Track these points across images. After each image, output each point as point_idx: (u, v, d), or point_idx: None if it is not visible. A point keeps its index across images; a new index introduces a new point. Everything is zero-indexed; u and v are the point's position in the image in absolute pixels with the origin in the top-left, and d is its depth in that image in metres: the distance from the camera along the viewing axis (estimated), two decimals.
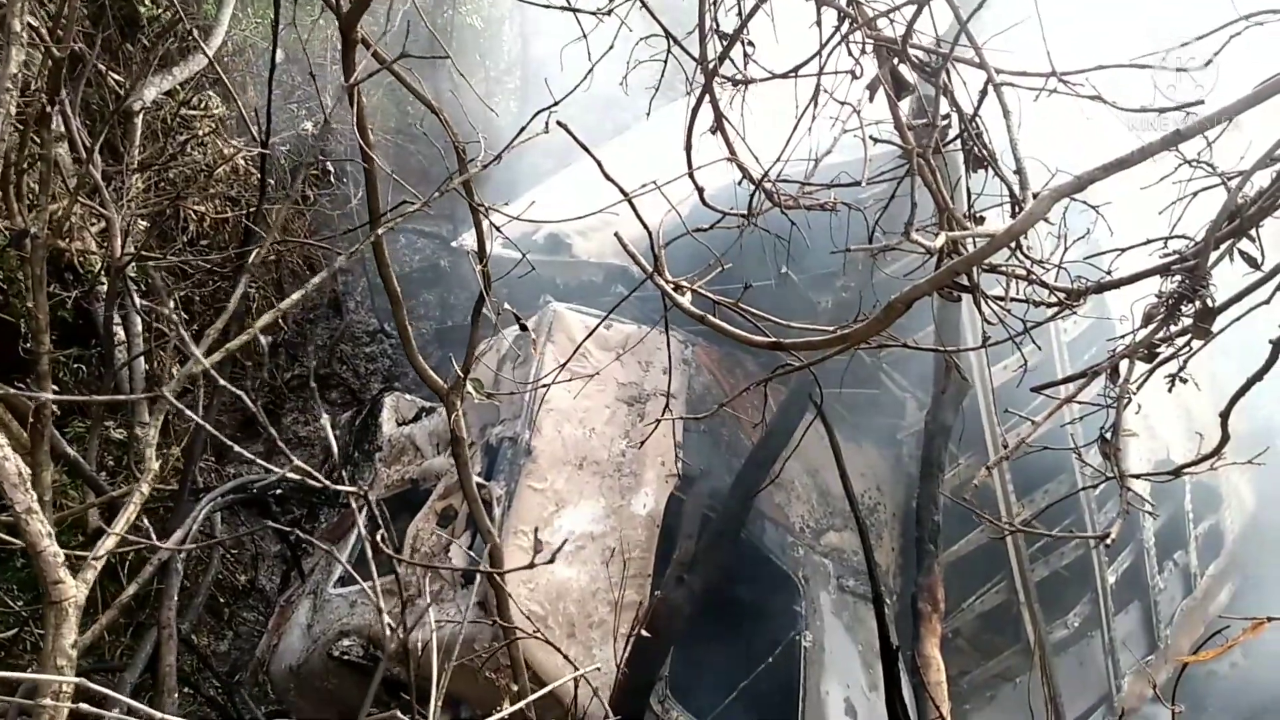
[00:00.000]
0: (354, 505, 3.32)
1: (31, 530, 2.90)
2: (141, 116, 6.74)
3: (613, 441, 5.98)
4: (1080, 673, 6.46)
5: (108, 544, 3.19)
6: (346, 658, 5.58)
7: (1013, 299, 2.74)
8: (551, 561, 3.12)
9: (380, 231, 2.26)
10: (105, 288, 6.17)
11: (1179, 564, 6.69)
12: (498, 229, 2.53)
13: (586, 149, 2.25)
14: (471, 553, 5.67)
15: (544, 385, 5.09)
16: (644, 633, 3.88)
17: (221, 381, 2.74)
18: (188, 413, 2.68)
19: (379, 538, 3.20)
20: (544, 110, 2.35)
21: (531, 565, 2.83)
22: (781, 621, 6.22)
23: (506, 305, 2.65)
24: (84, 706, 1.98)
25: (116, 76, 7.57)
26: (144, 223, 7.30)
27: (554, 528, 5.68)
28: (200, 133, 8.46)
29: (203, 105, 8.65)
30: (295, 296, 2.91)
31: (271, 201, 9.01)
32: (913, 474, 6.56)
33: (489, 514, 5.67)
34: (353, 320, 10.61)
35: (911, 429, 6.18)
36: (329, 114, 6.88)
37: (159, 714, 2.04)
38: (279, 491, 7.36)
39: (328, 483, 2.75)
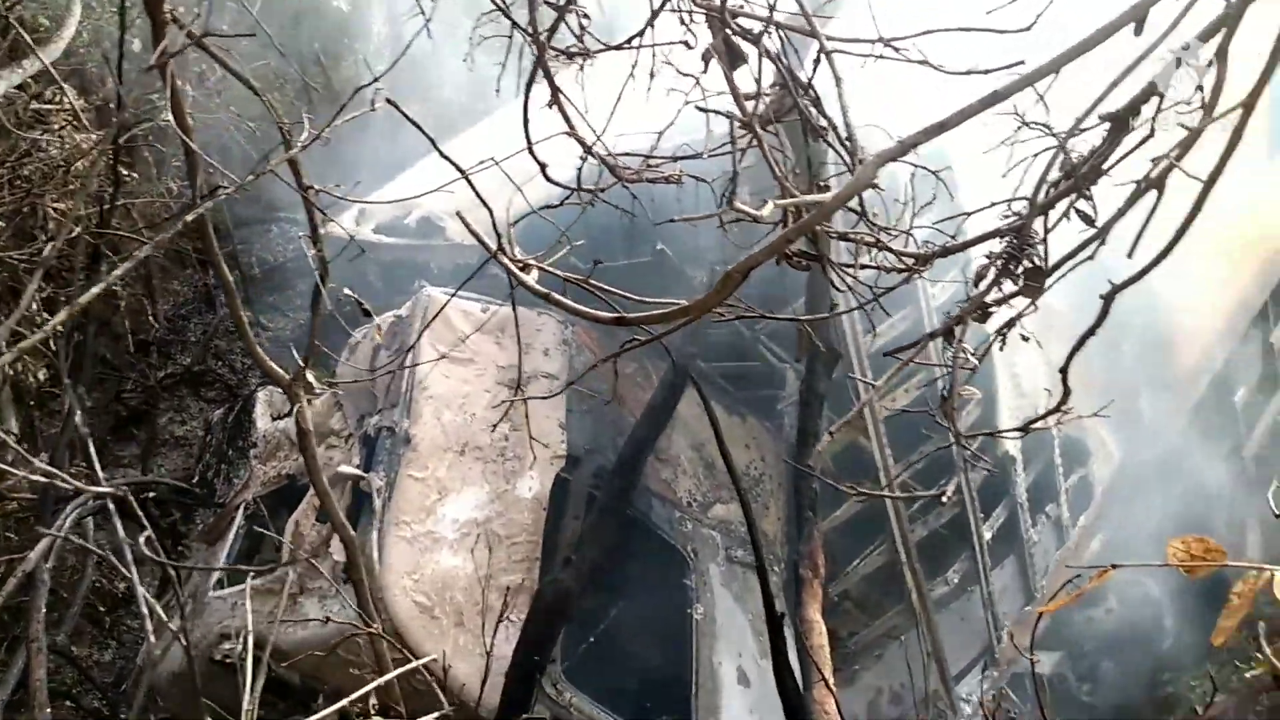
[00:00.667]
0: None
1: None
2: None
3: (493, 426, 5.92)
4: (962, 628, 6.66)
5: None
6: (229, 660, 5.44)
7: (862, 265, 2.77)
8: None
9: (196, 213, 2.17)
10: None
11: (1051, 516, 6.93)
12: (322, 212, 2.45)
13: (418, 126, 2.20)
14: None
15: (411, 366, 5.00)
16: (511, 618, 3.83)
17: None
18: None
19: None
20: (366, 86, 2.29)
21: None
22: (672, 596, 6.26)
23: (348, 290, 2.58)
24: None
25: None
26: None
27: (438, 516, 5.61)
28: (54, 127, 8.10)
29: (56, 99, 8.27)
30: (94, 290, 2.78)
31: (133, 195, 8.68)
32: (794, 444, 6.65)
33: (370, 506, 5.58)
34: (226, 315, 10.29)
35: (791, 399, 6.26)
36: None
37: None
38: (153, 495, 7.13)
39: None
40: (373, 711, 2.30)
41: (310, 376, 2.56)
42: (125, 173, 8.26)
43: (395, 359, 5.79)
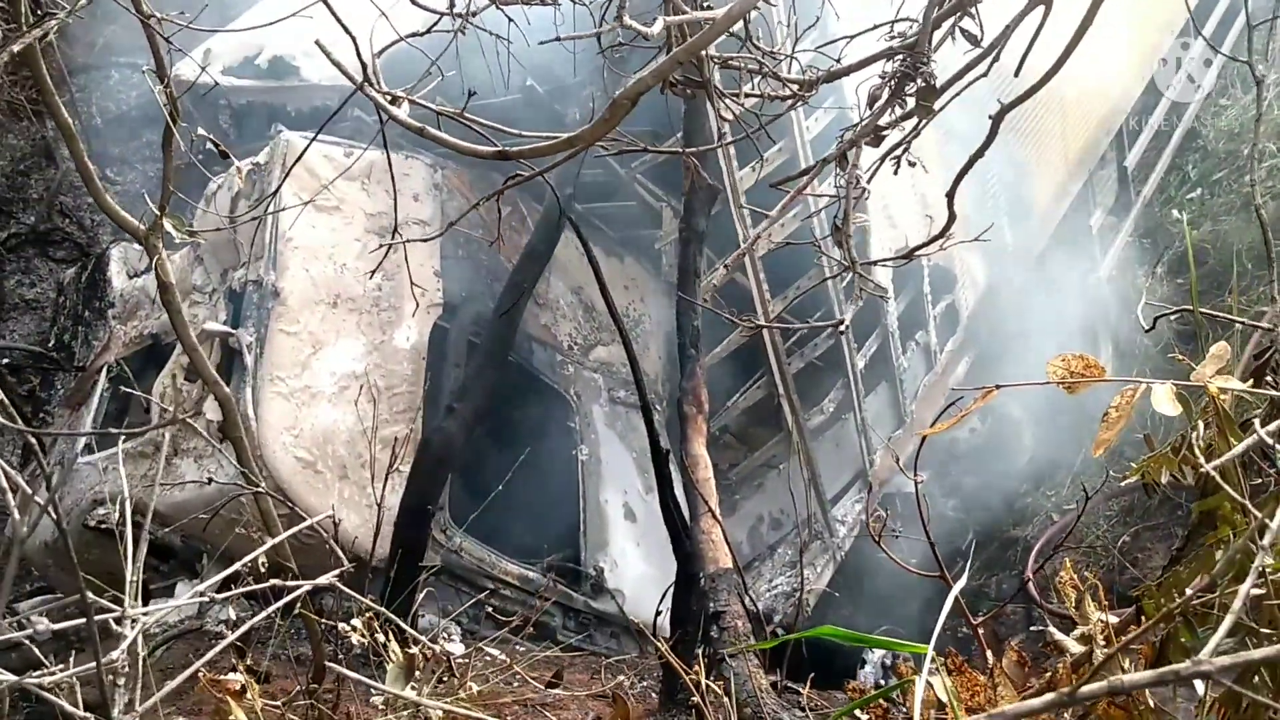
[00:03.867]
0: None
1: None
2: None
3: (367, 276, 5.75)
4: (837, 454, 6.91)
5: None
6: (104, 526, 5.30)
7: (747, 94, 2.71)
8: None
9: (23, 42, 1.94)
10: None
11: (920, 343, 7.16)
12: (169, 41, 2.24)
13: None
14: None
15: (274, 213, 4.77)
16: (399, 469, 3.79)
17: None
18: None
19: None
20: None
21: None
22: (557, 438, 6.32)
23: (201, 130, 2.40)
24: None
25: None
26: None
27: (313, 370, 5.47)
28: None
29: None
30: None
31: None
32: (673, 283, 6.67)
33: (238, 363, 5.40)
34: (69, 169, 9.62)
35: (669, 238, 6.23)
36: None
37: None
38: (6, 361, 6.78)
39: None
40: (263, 571, 2.25)
41: (169, 226, 2.39)
42: None
43: (256, 208, 5.51)
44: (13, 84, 10.04)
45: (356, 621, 2.42)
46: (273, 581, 2.07)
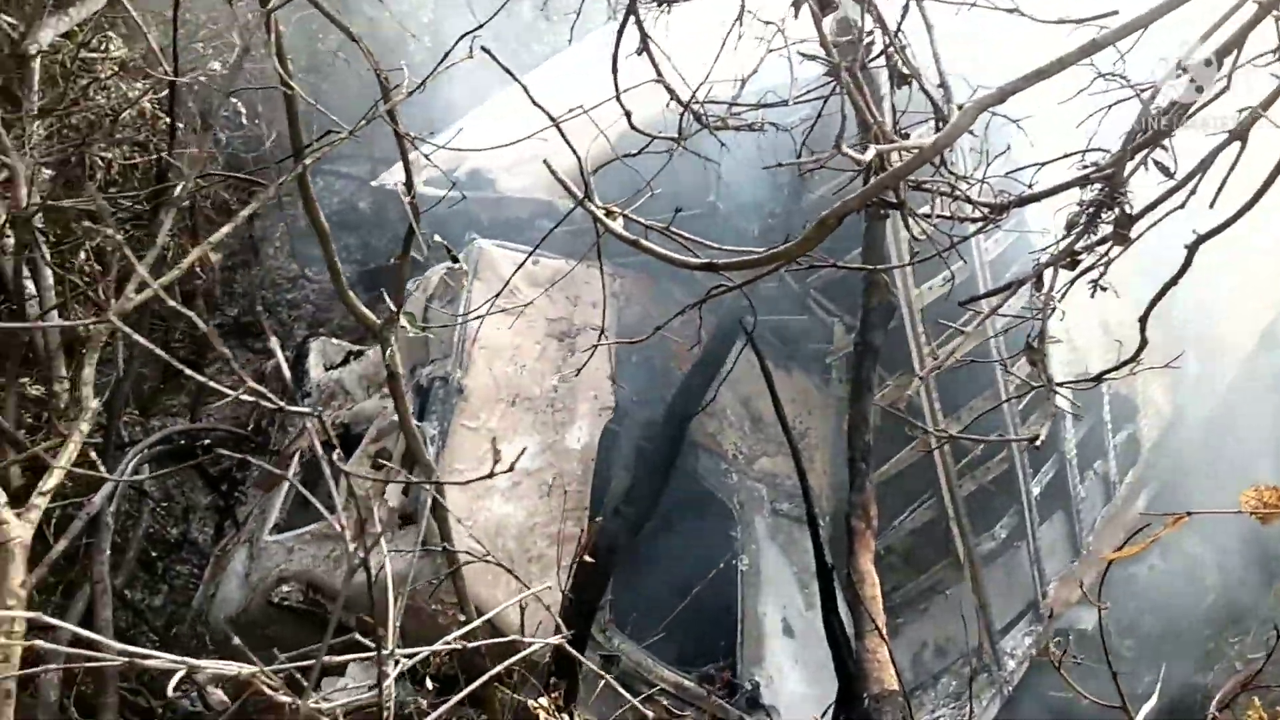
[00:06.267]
0: (309, 427, 3.30)
1: None
2: (39, 61, 6.45)
3: (544, 377, 5.98)
4: (1008, 582, 6.68)
5: (52, 481, 3.16)
6: (286, 603, 5.57)
7: (938, 215, 2.78)
8: (511, 469, 3.07)
9: (307, 163, 2.20)
10: (11, 240, 5.95)
11: (1099, 473, 6.92)
12: (427, 158, 2.48)
13: (512, 74, 2.21)
14: (404, 496, 5.66)
15: (476, 317, 5.03)
16: (587, 558, 3.89)
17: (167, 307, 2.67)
18: (138, 338, 2.59)
19: (335, 457, 3.15)
20: (467, 35, 2.30)
21: (491, 475, 2.80)
22: (718, 547, 6.33)
23: (437, 237, 2.62)
24: (39, 643, 1.97)
25: (9, 20, 7.22)
26: (48, 171, 7.01)
27: (489, 464, 5.67)
28: (101, 75, 8.12)
29: (103, 47, 8.29)
30: (228, 226, 2.84)
31: (183, 145, 8.71)
32: (841, 397, 6.67)
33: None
34: (272, 266, 10.37)
35: (839, 352, 6.27)
36: (246, 45, 6.67)
37: (106, 639, 2.03)
38: (208, 442, 7.24)
39: (280, 404, 2.69)
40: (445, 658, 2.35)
41: (404, 321, 2.60)
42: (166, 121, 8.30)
43: (448, 310, 5.84)
44: (225, 186, 10.92)
45: (544, 700, 2.49)
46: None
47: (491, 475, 2.86)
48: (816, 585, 5.78)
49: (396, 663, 2.42)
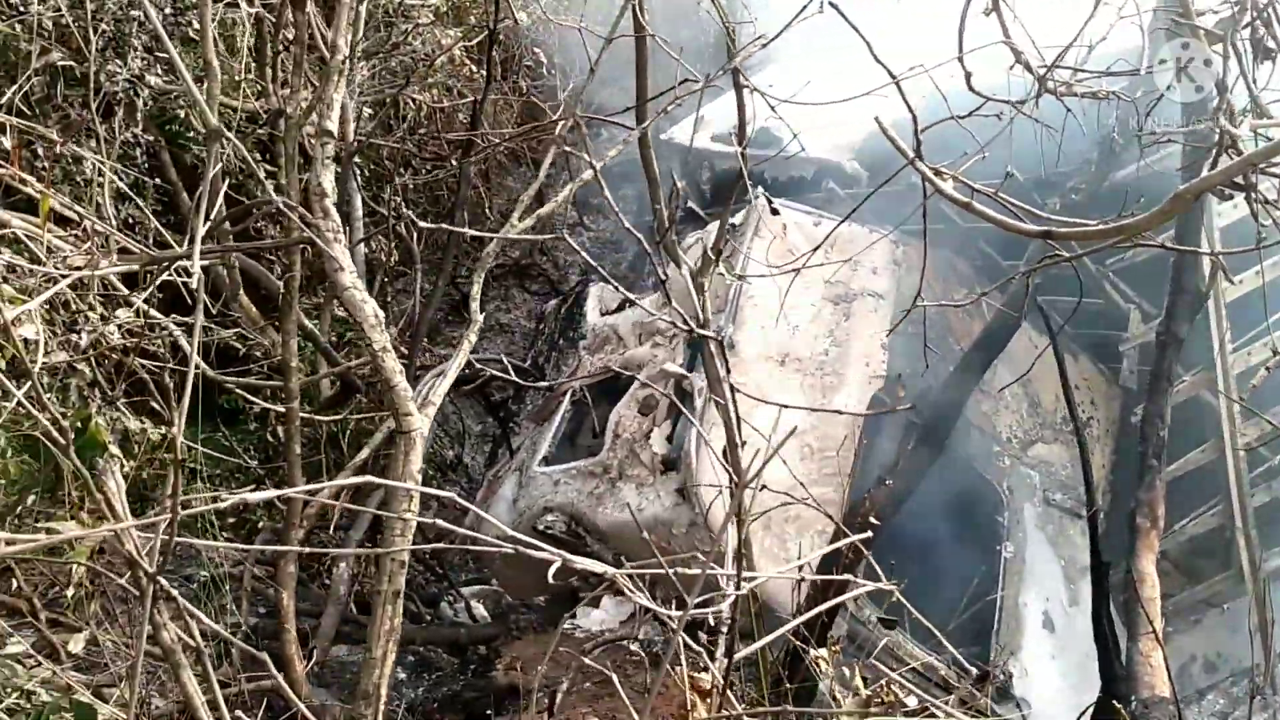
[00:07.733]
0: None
1: (386, 367, 3.38)
2: (365, 4, 6.94)
3: (816, 339, 5.94)
4: None
5: (443, 386, 3.56)
6: (550, 531, 5.82)
7: None
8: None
9: (653, 118, 2.26)
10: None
11: None
12: (773, 109, 2.49)
13: (859, 31, 2.18)
14: (669, 441, 5.79)
15: (780, 272, 5.01)
16: (873, 519, 3.86)
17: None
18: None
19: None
20: None
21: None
22: (982, 530, 6.12)
23: (761, 190, 2.64)
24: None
25: None
26: (368, 110, 7.56)
27: (754, 421, 5.70)
28: (420, 22, 8.64)
29: None
30: (588, 173, 3.00)
31: (496, 92, 9.16)
32: (1131, 389, 6.28)
33: (688, 406, 5.75)
34: (553, 212, 10.77)
35: (1135, 341, 5.89)
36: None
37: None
38: (490, 373, 7.65)
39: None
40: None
41: (721, 269, 2.65)
42: (477, 71, 8.74)
43: (726, 264, 5.88)
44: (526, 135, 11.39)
45: (824, 651, 2.51)
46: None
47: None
48: (1083, 581, 5.50)
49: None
